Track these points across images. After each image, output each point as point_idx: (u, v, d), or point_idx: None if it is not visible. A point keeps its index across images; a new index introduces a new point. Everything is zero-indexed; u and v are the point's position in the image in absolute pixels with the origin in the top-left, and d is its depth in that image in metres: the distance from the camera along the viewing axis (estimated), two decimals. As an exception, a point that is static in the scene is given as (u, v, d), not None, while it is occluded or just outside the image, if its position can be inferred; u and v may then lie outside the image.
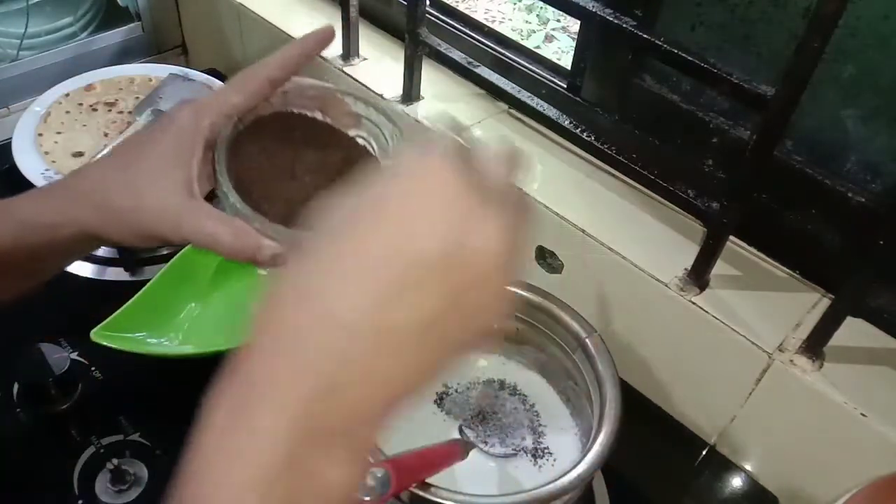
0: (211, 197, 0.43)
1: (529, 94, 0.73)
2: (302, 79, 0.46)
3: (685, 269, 0.63)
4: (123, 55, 1.07)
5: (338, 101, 0.47)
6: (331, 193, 0.30)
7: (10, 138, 0.79)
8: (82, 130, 0.82)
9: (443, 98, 0.82)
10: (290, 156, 0.45)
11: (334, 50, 0.86)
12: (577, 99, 0.76)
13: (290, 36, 0.90)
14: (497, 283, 0.30)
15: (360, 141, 0.47)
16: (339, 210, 0.30)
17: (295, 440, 0.26)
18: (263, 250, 0.40)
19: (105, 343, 0.62)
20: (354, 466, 0.28)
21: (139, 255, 0.77)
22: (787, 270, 0.65)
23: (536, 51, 0.84)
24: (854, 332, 0.59)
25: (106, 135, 0.82)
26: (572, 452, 0.58)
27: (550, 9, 1.41)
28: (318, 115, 0.47)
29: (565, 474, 0.48)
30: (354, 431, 0.28)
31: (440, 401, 0.61)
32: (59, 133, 0.81)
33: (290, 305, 0.28)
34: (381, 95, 0.81)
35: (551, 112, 0.71)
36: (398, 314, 0.27)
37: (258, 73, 0.44)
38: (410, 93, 0.80)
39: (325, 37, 0.46)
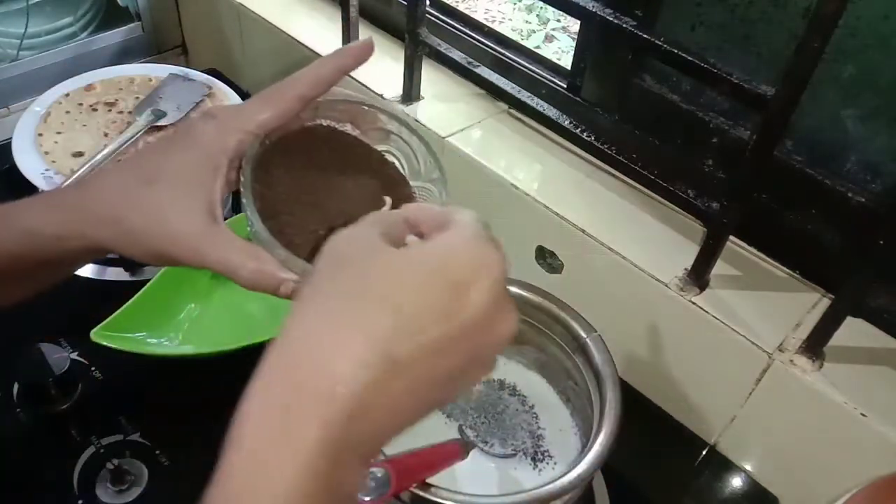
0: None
1: (529, 94, 0.73)
2: (334, 88, 0.44)
3: (685, 269, 0.63)
4: (123, 55, 1.07)
5: (369, 114, 0.45)
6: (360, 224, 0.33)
7: (10, 138, 0.79)
8: (82, 130, 0.82)
9: (443, 98, 0.82)
10: (317, 176, 0.43)
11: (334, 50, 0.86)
12: (577, 99, 0.76)
13: (290, 36, 0.90)
14: (496, 359, 0.33)
15: (389, 157, 0.45)
16: (402, 261, 0.31)
17: (328, 456, 0.28)
18: (285, 286, 0.38)
19: (105, 343, 0.62)
20: (364, 469, 0.30)
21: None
22: (787, 270, 0.65)
23: (536, 51, 0.84)
24: (854, 332, 0.59)
25: (106, 135, 0.82)
26: (572, 452, 0.58)
27: (550, 9, 1.41)
28: (349, 128, 0.45)
29: (565, 474, 0.48)
30: (366, 448, 0.30)
31: (440, 401, 0.61)
32: (59, 133, 0.81)
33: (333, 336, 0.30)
34: (381, 95, 0.81)
35: (551, 112, 0.71)
36: (427, 370, 0.29)
37: (289, 90, 0.42)
38: (410, 93, 0.80)
39: (363, 51, 0.44)
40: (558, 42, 1.73)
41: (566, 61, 0.79)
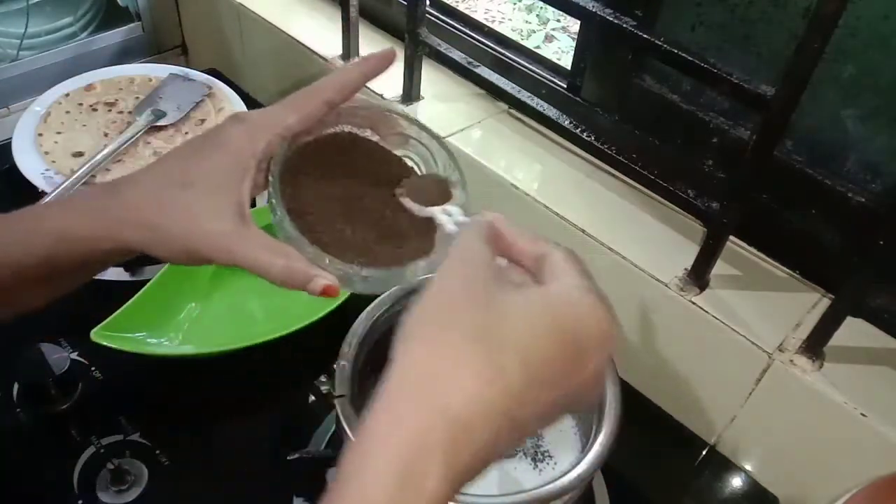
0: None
1: (529, 94, 0.73)
2: (356, 95, 0.45)
3: (685, 269, 0.63)
4: (123, 55, 1.07)
5: (389, 120, 0.46)
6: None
7: (10, 138, 0.79)
8: (82, 130, 0.82)
9: (443, 98, 0.82)
10: (340, 179, 0.44)
11: (334, 50, 0.86)
12: (577, 99, 0.76)
13: (290, 36, 0.90)
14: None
15: (408, 162, 0.47)
16: (517, 308, 0.32)
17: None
18: (316, 281, 0.39)
19: (105, 343, 0.62)
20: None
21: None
22: (787, 270, 0.65)
23: (536, 51, 0.84)
24: (854, 332, 0.59)
25: (106, 135, 0.82)
26: (572, 452, 0.58)
27: (550, 9, 1.41)
28: (368, 133, 0.46)
29: (565, 474, 0.48)
30: (471, 475, 0.30)
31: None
32: (59, 133, 0.81)
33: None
34: (381, 95, 0.81)
35: (551, 112, 0.71)
36: (536, 424, 0.32)
37: (316, 95, 0.43)
38: (410, 93, 0.80)
39: (386, 59, 0.46)
40: (558, 42, 1.73)
41: (566, 61, 0.79)
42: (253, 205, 0.42)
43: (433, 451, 0.28)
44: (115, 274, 0.76)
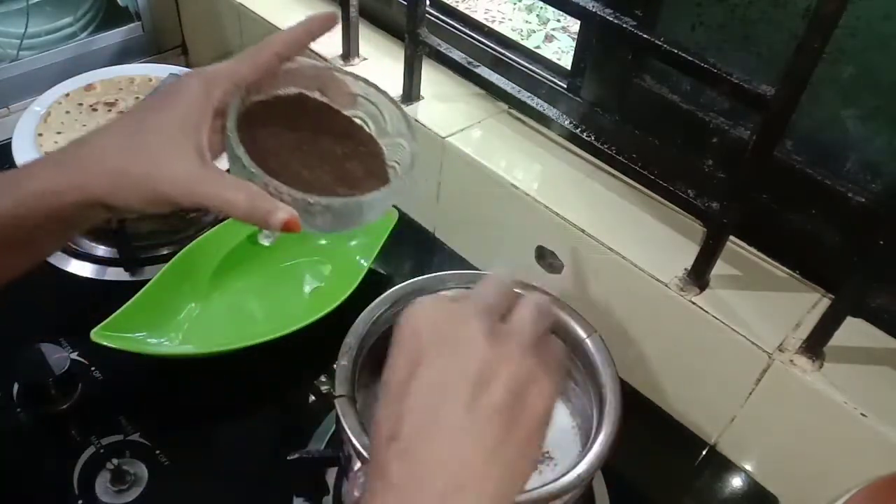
0: None
1: (529, 94, 0.73)
2: (303, 59, 0.48)
3: (685, 269, 0.63)
4: (123, 55, 1.07)
5: (337, 80, 0.48)
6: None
7: (10, 138, 0.79)
8: (82, 130, 0.82)
9: (443, 98, 0.82)
10: (293, 136, 0.47)
11: (334, 50, 0.86)
12: (577, 99, 0.76)
13: (290, 36, 0.90)
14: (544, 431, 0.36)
15: (357, 121, 0.49)
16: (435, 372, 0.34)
17: None
18: (278, 213, 0.41)
19: (105, 343, 0.62)
20: None
21: (139, 255, 0.77)
22: (787, 270, 0.65)
23: (536, 51, 0.84)
24: (854, 332, 0.59)
25: (106, 135, 0.82)
26: (572, 452, 0.58)
27: (550, 9, 1.41)
28: (317, 95, 0.49)
29: (565, 474, 0.48)
30: None
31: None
32: (59, 133, 0.81)
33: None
34: (381, 95, 0.81)
35: (551, 112, 0.71)
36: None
37: (265, 49, 0.46)
38: (410, 93, 0.80)
39: (327, 20, 0.49)
40: (558, 42, 1.73)
41: (566, 61, 0.79)
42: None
43: None
44: (115, 274, 0.76)
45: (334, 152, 0.47)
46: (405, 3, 0.75)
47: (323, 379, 0.69)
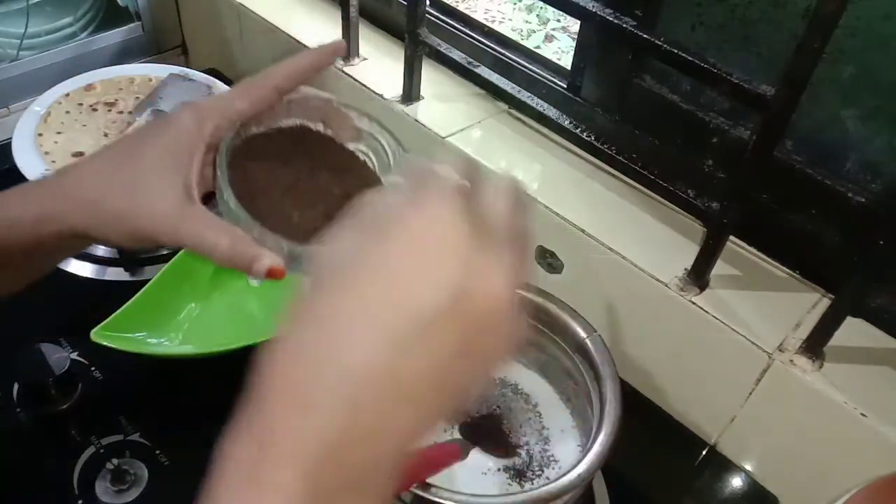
0: (206, 199, 0.43)
1: (529, 94, 0.73)
2: (307, 88, 0.46)
3: (685, 269, 0.63)
4: (123, 55, 1.07)
5: (341, 114, 0.47)
6: (328, 229, 0.30)
7: (10, 138, 0.79)
8: (82, 130, 0.82)
9: (443, 98, 0.82)
10: (290, 171, 0.45)
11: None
12: (577, 99, 0.76)
13: (290, 36, 0.90)
14: (506, 323, 0.30)
15: (359, 156, 0.47)
16: (338, 255, 0.30)
17: (307, 495, 0.26)
18: (261, 261, 0.39)
19: (105, 343, 0.62)
20: (376, 500, 0.28)
21: (139, 254, 0.77)
22: (787, 270, 0.65)
23: (536, 51, 0.84)
24: (854, 332, 0.59)
25: (106, 135, 0.82)
26: (572, 452, 0.58)
27: (550, 9, 1.41)
28: (321, 127, 0.47)
29: (565, 474, 0.48)
30: (369, 479, 0.27)
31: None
32: (59, 133, 0.81)
33: (298, 358, 0.28)
34: (381, 95, 0.81)
35: (551, 112, 0.71)
36: (410, 364, 0.27)
37: (265, 81, 0.44)
38: (410, 93, 0.80)
39: (335, 50, 0.47)
40: (558, 42, 1.73)
41: (566, 61, 0.79)
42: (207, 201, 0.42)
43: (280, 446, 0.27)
44: (115, 274, 0.76)
45: (332, 189, 0.45)
46: (405, 3, 0.75)
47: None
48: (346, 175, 0.46)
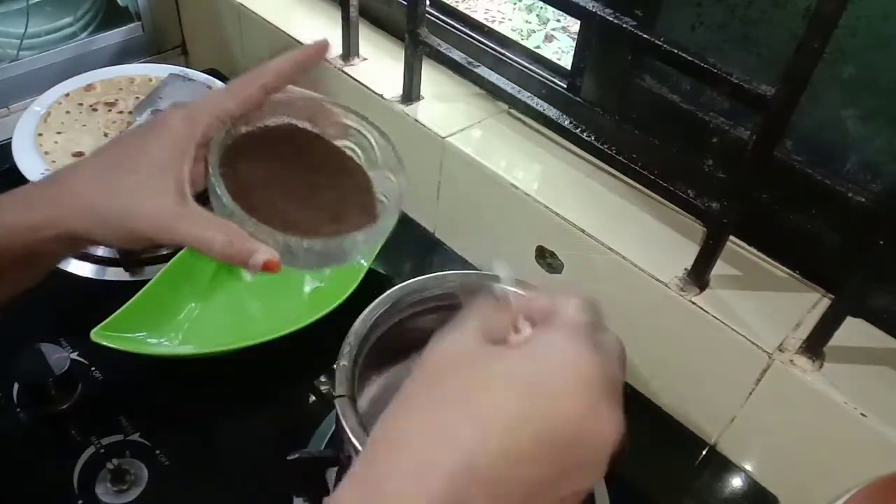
0: (200, 199, 0.43)
1: (529, 94, 0.73)
2: (293, 88, 0.47)
3: (685, 269, 0.63)
4: (123, 55, 1.07)
5: (327, 111, 0.48)
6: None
7: (10, 138, 0.79)
8: (82, 130, 0.82)
9: (443, 98, 0.82)
10: (280, 168, 0.45)
11: (334, 50, 0.86)
12: (577, 99, 0.76)
13: (290, 36, 0.90)
14: (604, 464, 0.31)
15: (347, 151, 0.48)
16: (463, 362, 0.31)
17: None
18: (258, 255, 0.40)
19: (105, 343, 0.62)
20: None
21: (139, 255, 0.77)
22: (787, 270, 0.65)
23: (536, 51, 0.84)
24: (854, 332, 0.59)
25: (106, 135, 0.82)
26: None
27: (550, 9, 1.41)
28: (308, 125, 0.48)
29: (565, 474, 0.48)
30: None
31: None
32: (59, 133, 0.81)
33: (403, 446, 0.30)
34: (380, 95, 0.81)
35: (551, 112, 0.71)
36: (512, 478, 0.28)
37: (253, 80, 0.44)
38: (410, 93, 0.80)
39: (321, 49, 0.47)
40: (558, 42, 1.73)
41: (566, 61, 0.79)
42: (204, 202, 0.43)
43: None
44: (114, 274, 0.76)
45: (322, 184, 0.46)
46: (405, 3, 0.75)
47: (323, 379, 0.69)
48: (334, 170, 0.47)
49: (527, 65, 0.82)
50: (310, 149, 0.47)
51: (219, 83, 0.89)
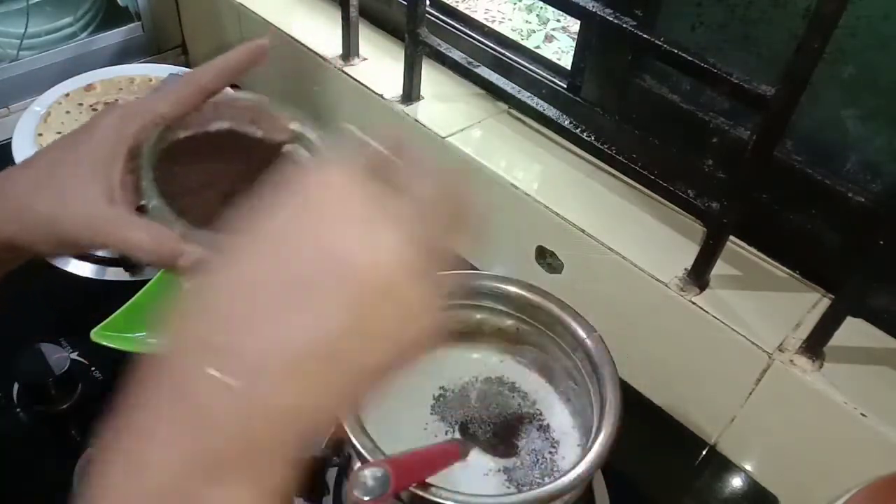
0: (141, 207, 0.42)
1: (529, 94, 0.74)
2: (232, 92, 0.46)
3: (685, 269, 0.63)
4: (123, 55, 1.07)
5: (269, 113, 0.47)
6: (235, 207, 0.31)
7: (10, 138, 0.79)
8: (82, 130, 0.82)
9: (443, 98, 0.82)
10: (220, 173, 0.45)
11: (334, 50, 0.86)
12: (577, 99, 0.76)
13: (290, 36, 0.90)
14: (407, 295, 0.28)
15: (293, 157, 0.48)
16: (233, 233, 0.30)
17: (184, 474, 0.26)
18: (185, 256, 0.39)
19: (105, 343, 0.62)
20: (253, 489, 0.27)
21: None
22: (787, 270, 0.65)
23: (536, 51, 0.84)
24: (854, 332, 0.59)
25: (106, 135, 0.82)
26: (572, 452, 0.58)
27: (550, 9, 1.41)
28: (251, 129, 0.47)
29: (565, 474, 0.48)
30: (255, 461, 0.27)
31: (439, 401, 0.61)
32: (59, 133, 0.81)
33: (181, 345, 0.30)
34: (380, 95, 0.81)
35: (551, 112, 0.71)
36: (294, 336, 0.27)
37: (191, 81, 0.44)
38: (410, 93, 0.80)
39: (260, 49, 0.46)
40: (558, 42, 1.73)
41: (566, 61, 0.79)
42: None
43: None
44: (114, 274, 0.76)
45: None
46: (405, 3, 0.75)
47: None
48: (273, 171, 0.47)
49: (527, 65, 0.82)
50: (252, 153, 0.46)
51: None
